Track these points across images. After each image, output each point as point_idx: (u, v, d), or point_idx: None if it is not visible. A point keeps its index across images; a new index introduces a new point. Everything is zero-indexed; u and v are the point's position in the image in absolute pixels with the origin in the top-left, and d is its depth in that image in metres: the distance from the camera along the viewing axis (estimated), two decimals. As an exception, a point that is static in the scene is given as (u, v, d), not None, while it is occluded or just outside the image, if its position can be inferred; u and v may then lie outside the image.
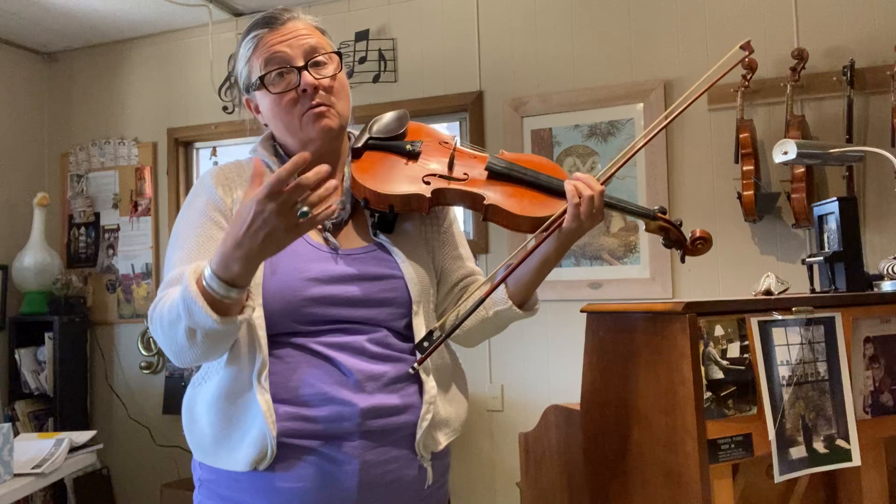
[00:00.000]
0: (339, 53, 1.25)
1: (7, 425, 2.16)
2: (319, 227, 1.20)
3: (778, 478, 1.29)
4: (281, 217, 0.95)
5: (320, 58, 1.21)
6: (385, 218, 1.23)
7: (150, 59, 3.76)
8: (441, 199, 1.25)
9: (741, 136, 2.61)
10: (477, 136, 3.11)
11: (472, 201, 1.24)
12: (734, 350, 1.31)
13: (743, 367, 1.31)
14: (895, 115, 2.40)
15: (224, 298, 1.00)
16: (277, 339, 1.14)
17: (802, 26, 2.66)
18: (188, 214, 1.21)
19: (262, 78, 1.20)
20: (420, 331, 1.20)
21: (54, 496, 3.32)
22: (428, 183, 1.23)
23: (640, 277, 2.83)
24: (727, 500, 1.27)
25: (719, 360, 1.29)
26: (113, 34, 3.73)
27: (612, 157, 2.90)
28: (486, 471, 3.04)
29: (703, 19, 2.80)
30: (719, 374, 1.28)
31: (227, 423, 1.13)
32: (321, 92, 1.19)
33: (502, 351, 3.02)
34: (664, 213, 1.31)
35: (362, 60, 3.26)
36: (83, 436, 2.59)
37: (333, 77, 1.22)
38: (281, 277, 1.14)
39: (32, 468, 2.26)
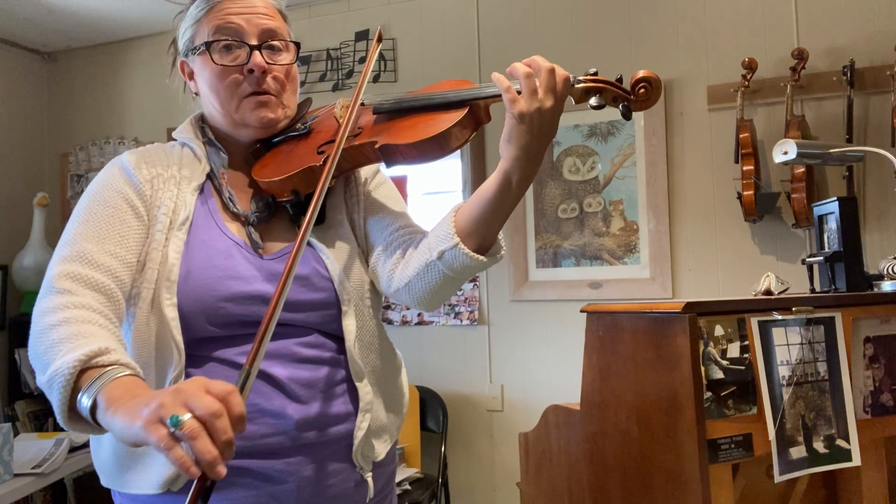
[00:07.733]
0: (296, 44, 1.17)
1: (7, 425, 2.15)
2: (242, 219, 1.11)
3: (778, 478, 1.30)
4: (166, 404, 0.73)
5: (276, 43, 1.13)
6: (302, 207, 1.11)
7: (150, 59, 3.76)
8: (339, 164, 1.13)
9: (741, 135, 2.60)
10: (476, 136, 3.10)
11: (368, 153, 1.11)
12: (734, 350, 1.31)
13: (743, 367, 1.31)
14: (895, 115, 2.40)
15: (84, 419, 0.84)
16: (197, 354, 1.03)
17: (802, 26, 2.66)
18: (101, 191, 1.07)
19: (208, 44, 1.09)
20: (350, 332, 1.10)
21: (54, 496, 3.31)
22: (322, 153, 1.12)
23: (640, 277, 2.83)
24: (727, 500, 1.27)
25: (719, 360, 1.29)
26: (113, 34, 3.73)
27: (612, 157, 2.90)
28: (486, 471, 3.04)
29: (702, 19, 2.80)
30: (719, 374, 1.28)
31: None
32: (269, 79, 1.11)
33: (502, 351, 3.02)
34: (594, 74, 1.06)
35: (362, 60, 3.26)
36: (83, 436, 2.59)
37: (286, 67, 1.13)
38: (196, 275, 1.02)
39: (32, 468, 2.26)
